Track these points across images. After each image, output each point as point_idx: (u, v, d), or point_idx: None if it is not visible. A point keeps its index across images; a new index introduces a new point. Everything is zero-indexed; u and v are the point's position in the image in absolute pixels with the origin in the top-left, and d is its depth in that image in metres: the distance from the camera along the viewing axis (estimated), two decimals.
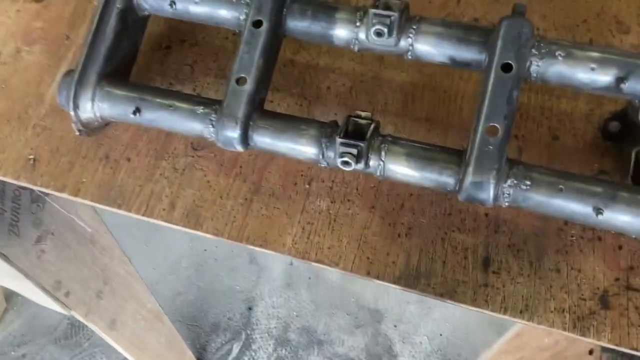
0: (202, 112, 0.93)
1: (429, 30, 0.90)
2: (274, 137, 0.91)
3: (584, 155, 0.96)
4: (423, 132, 1.01)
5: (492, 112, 0.83)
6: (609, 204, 0.80)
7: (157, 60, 1.12)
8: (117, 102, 0.96)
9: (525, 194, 0.83)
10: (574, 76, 0.86)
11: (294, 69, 1.09)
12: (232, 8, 0.96)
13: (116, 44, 0.99)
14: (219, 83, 1.09)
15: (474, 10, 1.10)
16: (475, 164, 0.82)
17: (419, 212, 0.95)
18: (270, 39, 0.92)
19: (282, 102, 1.06)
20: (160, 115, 0.95)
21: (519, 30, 0.85)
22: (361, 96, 1.05)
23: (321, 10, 0.93)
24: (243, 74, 0.91)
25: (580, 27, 1.06)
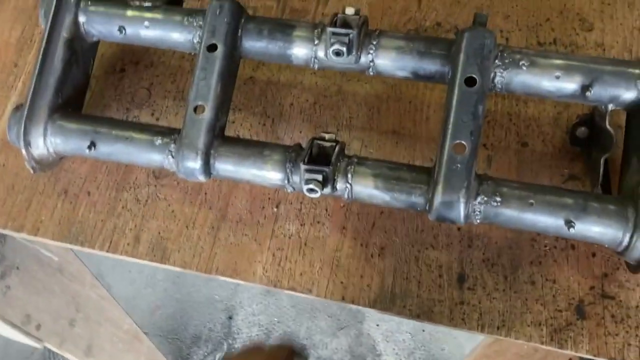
0: (161, 143, 0.89)
1: (389, 45, 0.87)
2: (237, 164, 0.88)
3: (554, 160, 0.95)
4: (390, 146, 0.99)
5: (457, 129, 0.81)
6: (580, 216, 0.79)
7: (112, 84, 1.07)
8: (70, 137, 0.92)
9: (496, 210, 0.81)
10: (539, 85, 0.84)
11: (254, 86, 1.06)
12: (184, 31, 0.92)
13: (66, 73, 0.94)
14: (178, 106, 1.05)
15: (435, 14, 1.07)
16: (444, 183, 0.80)
17: (390, 230, 0.93)
18: (226, 63, 0.89)
19: (245, 122, 1.03)
20: (117, 149, 0.91)
21: (481, 42, 0.83)
22: (325, 111, 1.03)
23: (278, 29, 0.90)
24: (200, 101, 0.87)
25: (544, 26, 1.04)
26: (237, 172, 0.88)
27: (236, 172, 0.88)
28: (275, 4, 1.11)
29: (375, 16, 1.08)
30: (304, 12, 1.10)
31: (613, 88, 0.82)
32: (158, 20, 0.93)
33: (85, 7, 0.95)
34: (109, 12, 0.94)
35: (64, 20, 0.94)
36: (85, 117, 0.95)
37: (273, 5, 1.11)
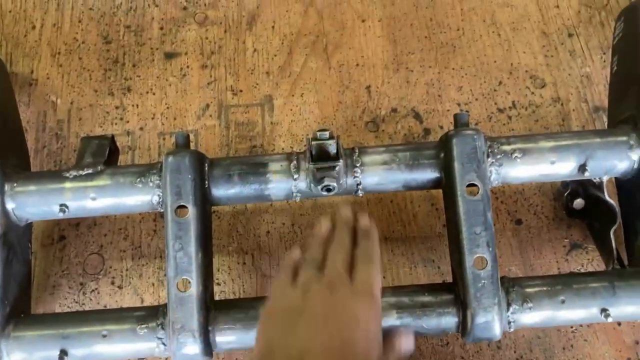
0: (147, 332, 0.76)
1: (374, 163, 0.80)
2: (242, 335, 0.77)
3: (552, 233, 0.93)
4: (387, 255, 0.92)
5: (473, 242, 0.76)
6: (612, 302, 0.76)
7: (55, 258, 0.92)
8: (34, 349, 0.76)
9: (530, 316, 0.77)
10: (537, 173, 0.81)
11: (221, 221, 0.95)
12: (139, 193, 0.79)
13: (7, 275, 0.79)
14: (140, 266, 0.91)
15: (388, 100, 1.02)
16: (475, 305, 0.74)
17: (415, 352, 0.86)
18: (201, 223, 0.77)
19: (222, 265, 0.92)
20: (94, 350, 0.76)
21: (472, 145, 0.78)
22: (307, 232, 0.94)
23: (249, 170, 0.80)
24: (184, 276, 0.75)
25: (499, 91, 1.02)
26: (244, 342, 0.77)
27: (242, 343, 0.77)
28: (217, 122, 1.01)
29: (328, 114, 1.01)
30: (251, 125, 1.00)
31: (607, 162, 0.80)
32: (105, 187, 0.80)
33: (12, 191, 0.79)
34: (43, 190, 0.79)
35: None
36: (44, 319, 0.79)
37: (215, 123, 1.00)
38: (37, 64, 1.05)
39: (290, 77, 1.04)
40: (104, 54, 1.06)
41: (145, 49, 1.06)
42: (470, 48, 1.05)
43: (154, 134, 1.00)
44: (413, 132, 0.99)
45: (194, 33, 1.07)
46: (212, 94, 1.03)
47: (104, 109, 1.02)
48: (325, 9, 1.09)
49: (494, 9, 1.08)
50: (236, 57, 1.06)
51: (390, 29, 1.07)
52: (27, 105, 1.02)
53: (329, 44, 1.06)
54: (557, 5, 1.08)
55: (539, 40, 1.06)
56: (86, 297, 0.90)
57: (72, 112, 1.01)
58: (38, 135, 1.00)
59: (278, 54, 1.06)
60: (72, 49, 1.06)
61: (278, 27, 1.08)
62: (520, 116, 1.00)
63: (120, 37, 1.07)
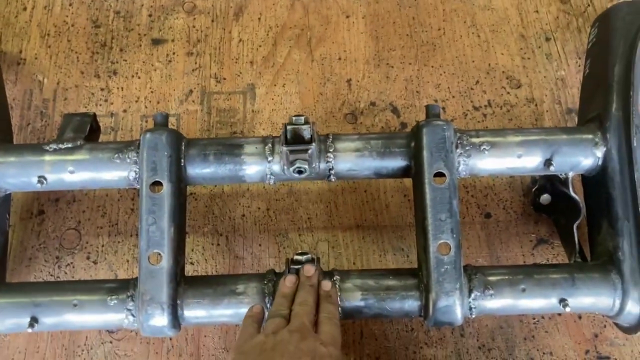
0: (116, 303, 0.78)
1: (346, 149, 0.82)
2: (210, 310, 0.78)
3: (519, 227, 0.95)
4: (358, 243, 0.94)
5: (438, 229, 0.78)
6: (571, 292, 0.79)
7: (32, 231, 0.94)
8: (5, 315, 0.78)
9: (491, 303, 0.78)
10: (503, 166, 0.83)
11: (197, 203, 0.97)
12: (116, 169, 0.81)
13: None
14: (115, 242, 0.93)
15: (367, 94, 1.04)
16: (437, 289, 0.76)
17: (381, 336, 0.88)
18: (175, 199, 0.79)
19: (196, 246, 0.94)
20: (65, 318, 0.78)
21: (441, 135, 0.80)
22: (281, 216, 0.96)
23: (225, 151, 0.82)
24: (155, 249, 0.77)
25: (476, 90, 1.05)
26: (211, 317, 0.79)
27: (210, 318, 0.79)
28: (199, 108, 1.03)
29: (308, 105, 1.03)
30: (233, 112, 1.03)
31: (573, 157, 0.83)
32: (84, 161, 0.82)
33: None
34: (23, 162, 0.81)
35: None
36: (16, 287, 0.81)
37: (197, 109, 1.03)
38: (26, 44, 1.07)
39: (273, 68, 1.06)
40: (92, 38, 1.08)
41: (133, 35, 1.09)
42: (450, 47, 1.08)
43: (137, 116, 1.02)
44: (390, 125, 1.02)
45: (181, 21, 1.10)
46: (196, 80, 1.05)
47: (89, 90, 1.04)
48: (311, 4, 1.11)
49: (475, 11, 1.11)
50: (222, 46, 1.08)
51: (374, 26, 1.10)
52: (14, 84, 1.04)
53: (313, 37, 1.09)
54: (537, 10, 1.11)
55: (517, 42, 1.09)
56: (61, 270, 0.91)
57: (58, 91, 1.03)
58: (23, 112, 1.02)
59: (263, 44, 1.08)
60: (62, 31, 1.08)
61: (264, 19, 1.10)
62: (495, 114, 1.03)
63: (110, 22, 1.09)
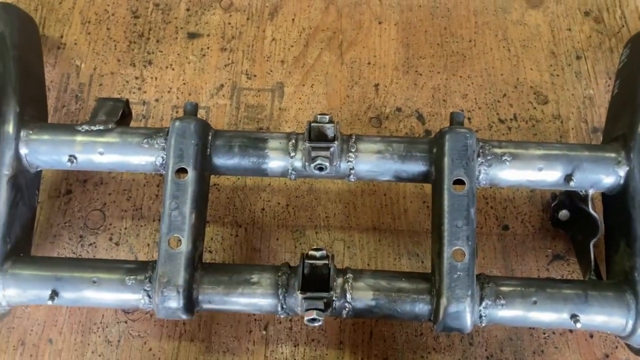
0: (134, 283, 0.80)
1: (368, 150, 0.84)
2: (224, 296, 0.80)
3: (536, 242, 0.95)
4: (374, 244, 0.95)
5: (453, 235, 0.79)
6: (583, 309, 0.79)
7: (59, 210, 0.97)
8: (27, 287, 0.81)
9: (501, 313, 0.79)
10: (524, 178, 0.84)
11: (220, 193, 0.99)
12: (144, 154, 0.84)
13: (12, 215, 0.84)
14: (138, 226, 0.96)
15: (394, 99, 1.06)
16: (448, 294, 0.77)
17: (390, 338, 0.89)
18: (198, 187, 0.81)
19: (215, 235, 0.96)
20: (84, 294, 0.81)
21: (463, 143, 0.81)
22: (300, 213, 0.98)
23: (249, 143, 0.84)
24: (176, 233, 0.80)
25: (502, 103, 1.06)
26: (225, 304, 0.81)
27: (223, 305, 0.81)
28: (229, 102, 1.05)
29: (335, 106, 1.05)
30: (260, 108, 1.05)
31: (594, 175, 0.83)
32: (114, 144, 0.84)
33: (27, 138, 0.85)
34: (55, 140, 0.85)
35: (4, 156, 0.83)
36: (41, 261, 0.84)
37: (227, 103, 1.05)
38: (68, 30, 1.11)
39: (303, 68, 1.08)
40: (130, 27, 1.11)
41: (170, 27, 1.12)
42: (479, 59, 1.09)
43: (169, 106, 1.05)
44: (414, 132, 1.03)
45: (218, 17, 1.13)
46: (227, 76, 1.08)
47: (124, 77, 1.07)
48: (345, 8, 1.13)
49: (507, 26, 1.12)
50: (255, 43, 1.10)
51: (405, 33, 1.11)
52: (53, 67, 1.07)
53: (345, 40, 1.11)
54: (569, 29, 1.12)
55: (547, 59, 1.09)
56: (84, 249, 0.94)
57: (94, 77, 1.07)
58: (59, 95, 1.05)
59: (295, 45, 1.10)
60: (102, 19, 1.12)
61: (298, 20, 1.12)
62: (519, 128, 1.03)
63: (149, 13, 1.13)
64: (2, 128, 0.83)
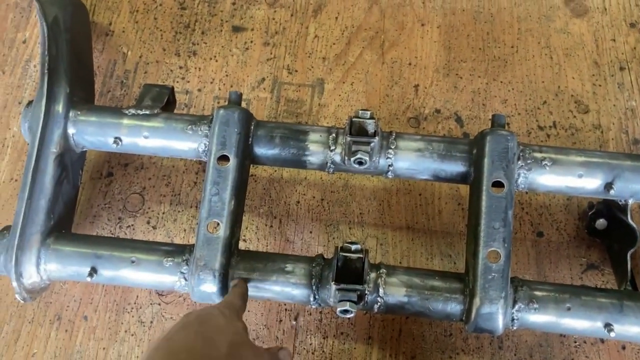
0: (172, 265, 0.82)
1: (408, 148, 0.84)
2: (258, 284, 0.81)
3: (571, 250, 0.95)
4: (407, 243, 0.95)
5: (490, 236, 0.79)
6: (618, 319, 0.78)
7: (100, 191, 0.99)
8: (68, 263, 0.83)
9: (534, 317, 0.79)
10: (563, 184, 0.83)
11: (257, 184, 1.00)
12: (188, 140, 0.86)
13: (57, 192, 0.86)
14: (176, 211, 0.98)
15: (433, 101, 1.06)
16: (482, 295, 0.77)
17: (419, 337, 0.89)
18: (239, 175, 0.83)
19: (250, 224, 0.97)
20: (122, 273, 0.83)
21: (504, 145, 0.81)
22: (334, 208, 0.98)
23: (290, 135, 0.85)
24: (215, 218, 0.81)
25: (542, 110, 1.05)
26: (258, 292, 0.82)
27: (257, 292, 0.82)
28: (269, 96, 1.07)
29: (374, 105, 1.06)
30: (300, 103, 1.06)
31: (635, 184, 0.82)
32: (159, 129, 0.87)
33: (75, 118, 0.87)
34: (102, 122, 0.87)
35: (53, 135, 0.86)
36: (81, 238, 0.86)
37: (267, 96, 1.07)
38: (116, 18, 1.14)
39: (344, 66, 1.09)
40: (177, 18, 1.14)
41: (215, 20, 1.14)
42: (521, 65, 1.09)
43: (210, 96, 1.07)
44: (452, 134, 1.03)
45: (262, 12, 1.14)
46: (269, 70, 1.09)
47: (168, 67, 1.09)
48: (389, 9, 1.14)
49: (551, 33, 1.11)
50: (298, 39, 1.12)
51: (447, 36, 1.12)
52: (101, 52, 1.10)
53: (387, 41, 1.11)
54: (614, 39, 1.11)
55: (589, 68, 1.08)
56: (122, 231, 0.96)
57: (140, 65, 1.09)
58: (105, 80, 1.08)
59: (337, 42, 1.11)
60: (150, 9, 1.15)
61: (341, 19, 1.14)
62: (558, 136, 1.03)
63: (195, 5, 1.15)
64: (53, 107, 0.86)
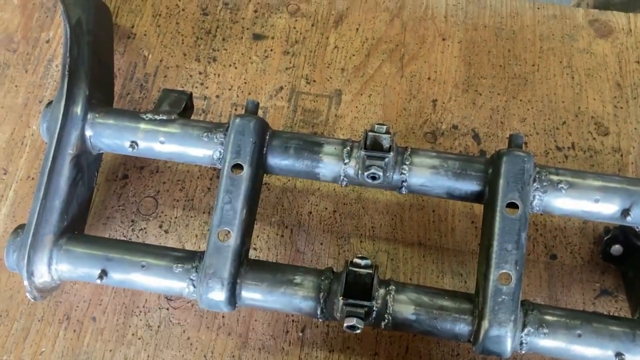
0: (181, 271, 0.82)
1: (422, 165, 0.84)
2: (266, 294, 0.81)
3: (584, 274, 0.93)
4: (417, 260, 0.95)
5: (502, 258, 0.78)
6: (630, 348, 0.77)
7: (114, 193, 1.00)
8: (79, 264, 0.84)
9: (543, 342, 0.78)
10: (578, 208, 0.82)
11: (270, 193, 1.00)
12: (203, 147, 0.86)
13: (71, 193, 0.87)
14: (188, 217, 0.98)
15: (451, 117, 1.05)
16: (491, 317, 0.76)
17: (425, 355, 0.88)
18: (252, 184, 0.83)
19: (262, 233, 0.97)
20: (132, 277, 0.83)
21: (521, 167, 0.80)
22: (346, 221, 0.98)
23: (305, 146, 0.85)
24: (226, 227, 0.81)
25: (561, 130, 1.04)
26: (266, 302, 0.82)
27: (264, 302, 0.82)
28: (287, 105, 1.07)
29: (390, 118, 1.05)
30: (317, 113, 1.06)
31: None
32: (175, 135, 0.87)
33: (93, 120, 0.88)
34: (119, 125, 0.88)
35: (70, 136, 0.87)
36: (93, 240, 0.87)
37: (284, 105, 1.07)
38: (139, 21, 1.15)
39: (362, 77, 1.09)
40: (199, 24, 1.14)
41: (236, 27, 1.14)
42: (541, 84, 1.08)
43: (228, 103, 1.07)
44: (469, 151, 1.02)
45: (283, 21, 1.15)
46: (287, 79, 1.09)
47: (188, 72, 1.10)
48: (410, 22, 1.14)
49: (573, 53, 1.10)
50: (317, 49, 1.12)
51: (468, 52, 1.11)
52: (122, 55, 1.11)
53: (406, 54, 1.11)
54: (638, 61, 1.09)
55: (611, 90, 1.07)
56: (134, 233, 0.97)
57: (160, 68, 1.10)
58: (125, 82, 1.09)
59: (356, 54, 1.11)
60: (172, 13, 1.15)
61: (362, 30, 1.13)
62: (577, 158, 1.01)
63: (217, 11, 1.16)
64: (71, 109, 0.87)
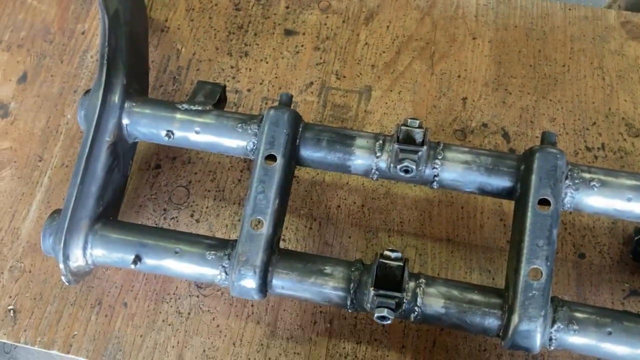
0: (214, 258, 0.83)
1: (455, 160, 0.84)
2: (297, 283, 0.82)
3: (613, 274, 0.93)
4: (446, 255, 0.95)
5: (533, 253, 0.78)
6: None
7: (147, 182, 1.01)
8: (113, 249, 0.85)
9: (573, 339, 0.78)
10: (610, 207, 0.82)
11: (299, 186, 1.01)
12: (237, 137, 0.88)
13: (107, 180, 0.89)
14: (219, 207, 0.99)
15: (481, 115, 1.06)
16: (521, 312, 0.76)
17: (452, 349, 0.89)
18: (285, 175, 0.84)
19: (290, 225, 0.98)
20: (165, 263, 0.85)
21: (553, 164, 0.81)
22: (374, 215, 0.99)
23: (337, 139, 0.86)
24: (259, 216, 0.82)
25: (591, 131, 1.04)
26: (296, 291, 0.83)
27: (295, 291, 0.83)
28: (316, 99, 1.08)
29: (420, 115, 1.06)
30: (346, 108, 1.07)
31: None
32: (210, 125, 0.88)
33: (130, 109, 0.90)
34: (156, 115, 0.90)
35: (108, 124, 0.88)
36: (128, 226, 0.88)
37: (314, 100, 1.08)
38: (172, 15, 1.16)
39: (392, 74, 1.10)
40: (231, 19, 1.16)
41: (268, 22, 1.16)
42: (571, 85, 1.08)
43: (259, 97, 1.09)
44: (498, 149, 1.03)
45: (315, 17, 1.16)
46: (317, 74, 1.10)
47: (220, 65, 1.11)
48: (441, 21, 1.14)
49: (604, 54, 1.10)
50: (348, 46, 1.13)
51: (498, 51, 1.11)
52: (155, 48, 1.13)
53: (437, 52, 1.12)
54: None
55: None
56: (166, 222, 0.98)
57: (193, 62, 1.12)
58: (159, 75, 1.11)
59: (387, 51, 1.12)
60: (205, 8, 1.17)
61: (392, 28, 1.14)
62: (606, 159, 1.01)
63: (250, 7, 1.17)
64: (110, 97, 0.89)
